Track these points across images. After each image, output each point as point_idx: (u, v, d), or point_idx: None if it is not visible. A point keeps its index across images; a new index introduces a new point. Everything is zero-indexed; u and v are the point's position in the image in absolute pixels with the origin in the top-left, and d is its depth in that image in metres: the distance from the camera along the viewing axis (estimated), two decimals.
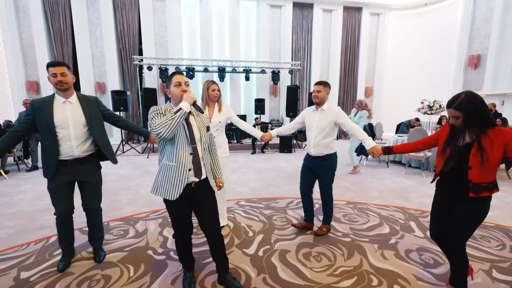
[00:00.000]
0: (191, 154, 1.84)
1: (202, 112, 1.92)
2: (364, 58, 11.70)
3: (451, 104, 1.72)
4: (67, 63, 9.49)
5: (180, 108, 1.72)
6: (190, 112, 1.87)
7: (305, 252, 2.61)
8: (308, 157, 2.93)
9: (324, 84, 2.78)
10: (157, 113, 1.75)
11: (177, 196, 1.80)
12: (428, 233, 2.98)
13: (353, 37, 11.53)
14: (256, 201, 4.00)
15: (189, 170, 1.83)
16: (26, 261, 2.46)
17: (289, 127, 3.13)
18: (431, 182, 2.04)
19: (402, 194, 4.36)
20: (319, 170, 2.83)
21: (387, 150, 2.33)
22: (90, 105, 2.32)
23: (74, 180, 2.31)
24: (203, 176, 1.92)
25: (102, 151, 2.38)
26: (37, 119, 2.14)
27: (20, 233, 3.01)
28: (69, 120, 2.17)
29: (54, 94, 2.22)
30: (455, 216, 1.83)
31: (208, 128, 2.00)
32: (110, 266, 2.37)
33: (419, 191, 4.50)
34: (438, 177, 1.97)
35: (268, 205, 3.84)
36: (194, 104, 1.82)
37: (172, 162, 1.81)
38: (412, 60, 11.13)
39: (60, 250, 2.54)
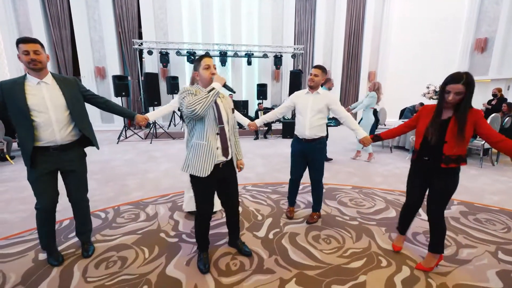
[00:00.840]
0: (217, 134, 1.95)
1: (234, 92, 2.11)
2: (368, 41, 11.50)
3: (459, 79, 1.79)
4: (65, 47, 9.34)
5: (213, 88, 1.82)
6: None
7: (314, 235, 2.67)
8: (299, 142, 2.85)
9: (322, 69, 2.74)
10: (188, 93, 1.85)
11: (208, 173, 1.91)
12: None
13: (357, 20, 11.30)
14: (262, 186, 4.05)
15: (217, 148, 1.95)
16: None
17: (275, 113, 3.04)
18: (413, 158, 2.18)
19: (406, 179, 4.39)
20: (312, 155, 2.79)
21: (376, 138, 2.49)
22: (69, 87, 2.12)
23: (57, 169, 2.14)
24: (229, 156, 2.05)
25: (86, 136, 2.21)
26: (8, 103, 1.93)
27: (33, 217, 2.97)
28: (47, 103, 1.98)
29: (25, 74, 1.99)
30: (433, 188, 2.04)
31: (233, 110, 2.12)
32: (125, 248, 2.43)
33: None
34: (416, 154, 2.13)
35: (275, 190, 3.89)
36: (225, 84, 1.92)
37: (202, 140, 1.91)
38: (417, 44, 10.95)
39: (75, 232, 2.61)
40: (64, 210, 3.22)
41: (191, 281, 2.01)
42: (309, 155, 2.81)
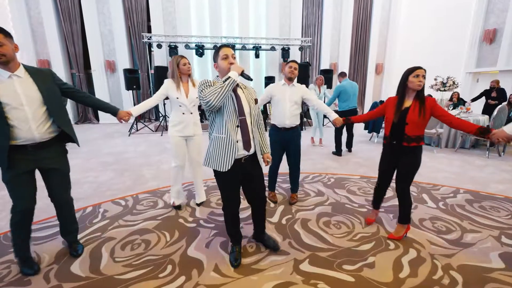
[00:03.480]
0: (238, 126, 1.87)
1: (251, 80, 1.97)
2: (376, 33, 11.43)
3: (420, 67, 2.19)
4: (76, 41, 9.46)
5: (229, 77, 1.76)
6: (237, 85, 1.92)
7: (325, 220, 2.81)
8: (277, 133, 3.07)
9: (298, 62, 3.01)
10: (206, 86, 1.78)
11: (228, 168, 1.84)
12: (440, 204, 3.16)
13: (365, 12, 11.24)
14: None
15: (237, 141, 1.86)
16: None
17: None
18: (384, 143, 2.49)
19: None
20: (290, 143, 3.06)
21: (347, 120, 2.79)
22: (44, 79, 1.95)
23: (35, 168, 1.98)
24: (252, 150, 1.96)
25: (65, 132, 2.06)
26: None
27: None
28: (21, 98, 1.81)
29: None
30: (400, 167, 2.35)
31: (256, 101, 2.02)
32: (147, 232, 2.59)
33: (430, 166, 4.63)
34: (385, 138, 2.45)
35: (286, 180, 4.02)
36: (242, 73, 1.85)
37: (221, 134, 1.85)
38: (426, 36, 10.86)
39: (99, 218, 2.78)
40: (87, 198, 3.42)
41: (211, 261, 2.16)
42: (289, 143, 3.07)
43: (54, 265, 2.14)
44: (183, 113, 2.83)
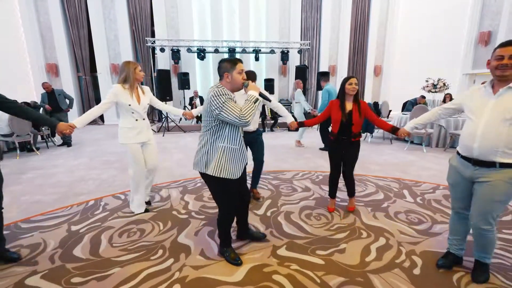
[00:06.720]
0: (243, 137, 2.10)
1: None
2: (374, 36, 11.61)
3: (353, 76, 2.79)
4: (83, 45, 9.84)
5: (257, 98, 1.89)
6: None
7: (307, 213, 3.03)
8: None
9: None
10: (228, 98, 1.82)
11: (240, 175, 2.02)
12: (418, 199, 3.35)
13: (363, 15, 11.43)
14: (265, 173, 4.40)
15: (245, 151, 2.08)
16: (73, 218, 2.95)
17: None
18: (332, 138, 2.93)
19: (402, 167, 4.69)
20: (255, 143, 3.27)
21: (300, 124, 3.02)
22: None
23: None
24: None
25: None
26: None
27: (62, 198, 3.51)
28: None
29: None
30: (348, 156, 2.91)
31: None
32: (143, 222, 2.85)
33: (418, 165, 4.81)
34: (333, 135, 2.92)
35: (276, 177, 4.25)
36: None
37: (235, 145, 1.97)
38: (422, 38, 11.01)
39: (100, 210, 3.05)
40: (89, 193, 3.69)
41: (198, 246, 2.40)
42: (253, 143, 3.27)
43: (59, 249, 2.39)
44: (136, 120, 2.84)
